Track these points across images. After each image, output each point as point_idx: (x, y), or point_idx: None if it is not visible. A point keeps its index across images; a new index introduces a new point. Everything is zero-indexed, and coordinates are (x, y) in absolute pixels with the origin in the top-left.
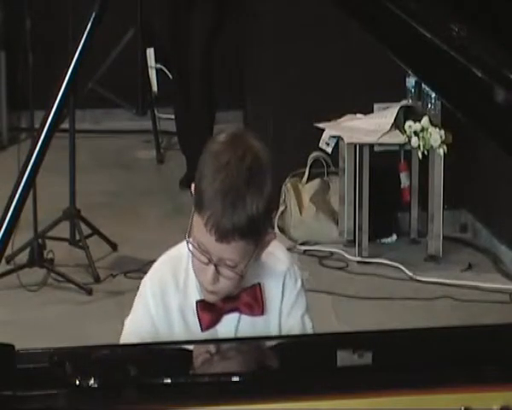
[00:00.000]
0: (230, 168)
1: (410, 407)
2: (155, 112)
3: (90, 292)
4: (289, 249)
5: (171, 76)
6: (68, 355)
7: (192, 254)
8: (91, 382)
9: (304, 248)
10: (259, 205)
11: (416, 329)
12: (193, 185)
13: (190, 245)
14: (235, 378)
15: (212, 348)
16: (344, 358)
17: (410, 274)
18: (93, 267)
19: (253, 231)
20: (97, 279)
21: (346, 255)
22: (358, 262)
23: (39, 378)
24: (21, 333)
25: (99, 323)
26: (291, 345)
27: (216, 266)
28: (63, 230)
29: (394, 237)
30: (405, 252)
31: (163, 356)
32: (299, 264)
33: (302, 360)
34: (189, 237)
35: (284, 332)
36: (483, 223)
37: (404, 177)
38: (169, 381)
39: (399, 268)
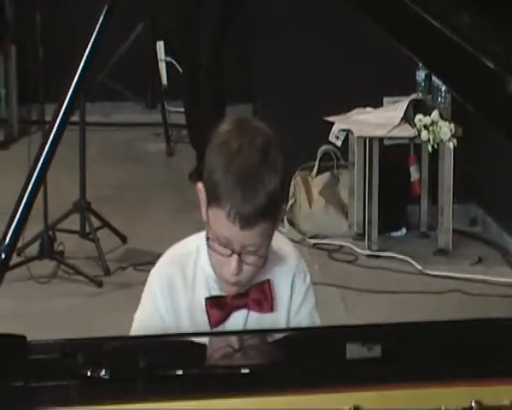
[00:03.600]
0: (243, 153)
1: (420, 401)
2: (165, 105)
3: (99, 284)
4: (299, 243)
5: (180, 70)
6: (79, 347)
7: (213, 250)
8: (102, 373)
9: (313, 241)
10: (276, 181)
11: (425, 322)
12: (199, 184)
13: (210, 241)
14: (245, 371)
15: (221, 340)
16: (353, 350)
17: (420, 268)
18: (103, 260)
19: (273, 209)
20: (107, 272)
21: (356, 249)
22: (368, 256)
23: (51, 369)
24: (31, 325)
25: (109, 315)
26: (300, 338)
27: (239, 254)
28: (73, 222)
29: (404, 230)
30: (415, 245)
31: (174, 348)
32: (309, 257)
33: (311, 353)
34: (207, 234)
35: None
36: (493, 217)
37: (413, 170)
38: (180, 373)
39: (409, 262)
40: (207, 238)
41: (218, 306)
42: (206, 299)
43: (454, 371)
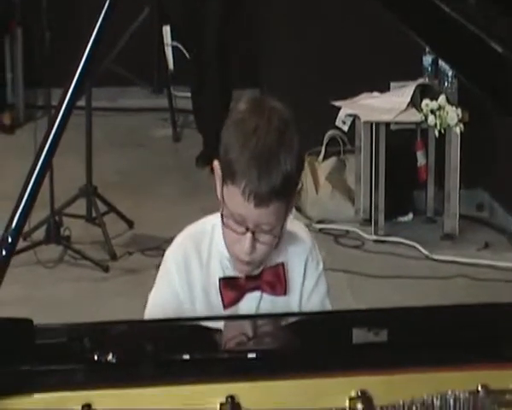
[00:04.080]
0: (260, 133)
1: (426, 385)
2: (171, 90)
3: (106, 269)
4: None
5: (187, 55)
6: (86, 331)
7: (227, 227)
8: (109, 357)
9: (319, 226)
10: (292, 162)
11: (431, 306)
12: (216, 162)
13: (225, 218)
14: (252, 355)
15: (228, 324)
16: (359, 335)
17: (426, 253)
18: (109, 245)
19: (288, 189)
20: (113, 257)
21: (362, 234)
22: (374, 241)
23: (57, 354)
24: (37, 310)
25: (115, 300)
26: (306, 322)
27: (253, 233)
28: (80, 207)
29: (410, 215)
30: (421, 231)
31: (181, 332)
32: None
33: (317, 338)
34: (221, 211)
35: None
36: (500, 202)
37: (420, 155)
38: (187, 357)
39: (415, 247)
40: (222, 215)
41: (232, 287)
42: (220, 279)
43: (460, 355)
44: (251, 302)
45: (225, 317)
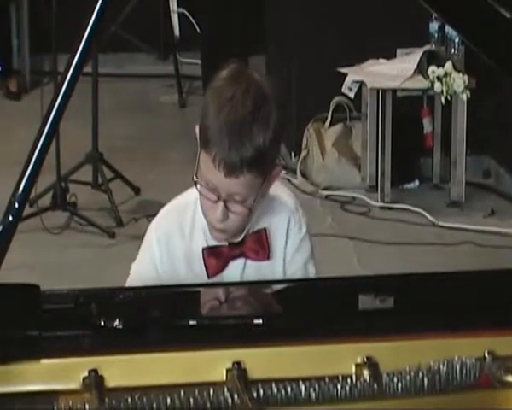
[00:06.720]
0: (235, 102)
1: (433, 351)
2: (177, 56)
3: (112, 236)
4: (311, 194)
5: (197, 27)
6: (93, 297)
7: (200, 193)
8: (116, 323)
9: (326, 193)
10: (266, 137)
11: (438, 273)
12: (197, 126)
13: (198, 185)
14: (257, 321)
15: (234, 290)
16: (366, 301)
17: (433, 220)
18: (115, 211)
19: (261, 164)
20: (120, 223)
21: (369, 201)
22: (380, 207)
23: (64, 319)
24: (44, 276)
25: (121, 266)
26: (313, 288)
27: (225, 202)
28: (86, 173)
29: (417, 182)
30: (428, 197)
31: (188, 298)
32: (322, 209)
33: (324, 304)
34: (196, 177)
35: (288, 277)
36: (506, 169)
37: (426, 122)
38: (194, 323)
39: (422, 214)
40: (195, 182)
41: (216, 255)
42: (204, 249)
43: (467, 321)
44: (235, 270)
45: (230, 283)
